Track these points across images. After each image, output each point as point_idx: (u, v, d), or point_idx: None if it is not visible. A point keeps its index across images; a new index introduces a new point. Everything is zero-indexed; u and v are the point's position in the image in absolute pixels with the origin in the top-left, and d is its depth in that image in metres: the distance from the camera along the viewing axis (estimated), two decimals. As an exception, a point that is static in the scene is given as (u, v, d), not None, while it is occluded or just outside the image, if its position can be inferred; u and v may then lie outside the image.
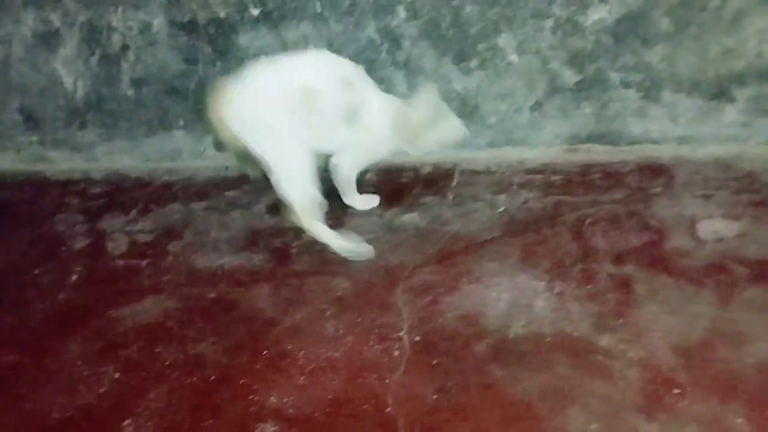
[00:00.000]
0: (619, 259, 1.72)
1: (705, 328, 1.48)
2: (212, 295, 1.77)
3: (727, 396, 1.31)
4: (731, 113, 2.06)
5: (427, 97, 1.89)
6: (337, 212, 2.04)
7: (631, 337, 1.48)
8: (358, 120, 1.83)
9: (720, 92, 2.04)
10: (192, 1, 2.17)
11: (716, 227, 1.79)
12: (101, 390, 1.51)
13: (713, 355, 1.41)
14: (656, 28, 2.00)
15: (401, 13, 2.09)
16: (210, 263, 1.90)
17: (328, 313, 1.66)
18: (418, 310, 1.64)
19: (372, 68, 2.16)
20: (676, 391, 1.34)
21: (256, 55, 2.19)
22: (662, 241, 1.77)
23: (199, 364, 1.55)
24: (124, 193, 2.33)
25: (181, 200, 2.24)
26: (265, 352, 1.57)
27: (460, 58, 2.13)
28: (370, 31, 2.13)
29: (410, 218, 1.99)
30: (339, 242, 1.83)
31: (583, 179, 2.08)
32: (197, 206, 2.20)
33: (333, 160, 1.98)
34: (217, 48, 2.23)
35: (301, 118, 1.74)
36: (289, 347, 1.57)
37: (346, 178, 2.02)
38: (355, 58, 2.13)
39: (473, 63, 2.13)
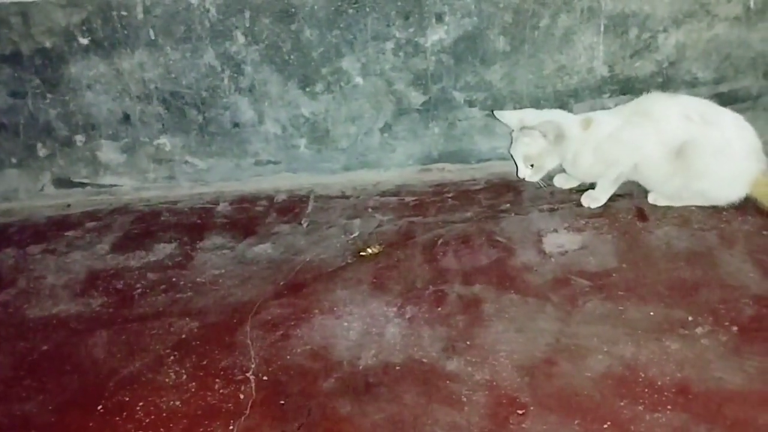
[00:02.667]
0: (468, 278, 1.75)
1: (548, 344, 1.51)
2: (44, 348, 1.66)
3: (566, 412, 1.34)
4: None
5: None
6: (185, 247, 1.98)
7: (478, 359, 1.49)
8: None
9: (558, 107, 2.13)
10: (12, 32, 2.04)
11: (560, 240, 1.87)
12: None
13: (555, 371, 1.44)
14: (493, 47, 2.08)
15: (240, 38, 2.06)
16: (44, 312, 1.78)
17: (171, 358, 1.58)
18: (267, 347, 1.59)
19: (215, 95, 2.14)
20: (520, 411, 1.35)
21: (89, 86, 2.11)
22: (510, 258, 1.82)
23: (25, 427, 1.43)
24: (-48, 240, 2.16)
25: (16, 244, 2.09)
26: (99, 407, 1.46)
27: (306, 83, 2.13)
28: (210, 57, 2.09)
29: (263, 249, 1.95)
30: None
31: (436, 199, 2.11)
32: (34, 249, 2.06)
33: None
34: (47, 80, 2.12)
35: None
36: (127, 399, 1.48)
37: None
38: (196, 85, 2.12)
39: (319, 87, 2.13)
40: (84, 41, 2.06)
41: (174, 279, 1.86)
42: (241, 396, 1.46)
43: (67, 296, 1.84)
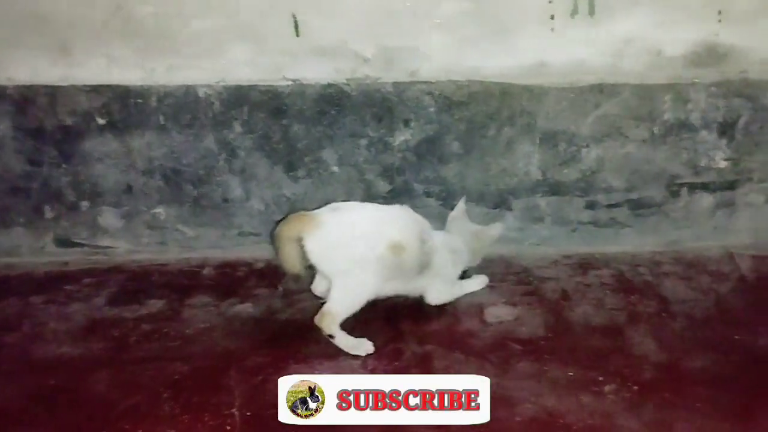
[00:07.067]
0: (422, 339, 1.99)
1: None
2: (51, 383, 1.84)
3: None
4: (510, 219, 2.43)
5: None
6: (174, 303, 2.21)
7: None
8: (428, 269, 2.07)
9: (501, 202, 2.42)
10: (38, 110, 2.29)
11: (499, 312, 2.12)
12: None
13: (492, 416, 1.65)
14: (449, 149, 2.36)
15: (237, 128, 2.32)
16: (49, 353, 1.97)
17: (165, 395, 1.78)
18: (250, 389, 1.80)
19: (210, 174, 2.38)
20: (460, 451, 1.59)
21: (100, 159, 2.36)
22: (457, 324, 2.07)
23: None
24: (-43, 289, 2.30)
25: (19, 294, 2.27)
26: (103, 433, 1.66)
27: (290, 168, 2.38)
28: (209, 142, 2.34)
29: (244, 308, 2.17)
30: (347, 341, 1.95)
31: None
32: (36, 300, 2.24)
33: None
34: (63, 152, 2.35)
35: (384, 265, 1.96)
36: (127, 427, 1.67)
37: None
38: (195, 164, 2.36)
39: (301, 172, 2.38)
40: (101, 121, 2.30)
41: (165, 330, 2.05)
42: (228, 428, 1.66)
43: (69, 340, 2.02)
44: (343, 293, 1.97)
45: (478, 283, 2.25)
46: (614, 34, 2.26)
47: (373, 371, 1.87)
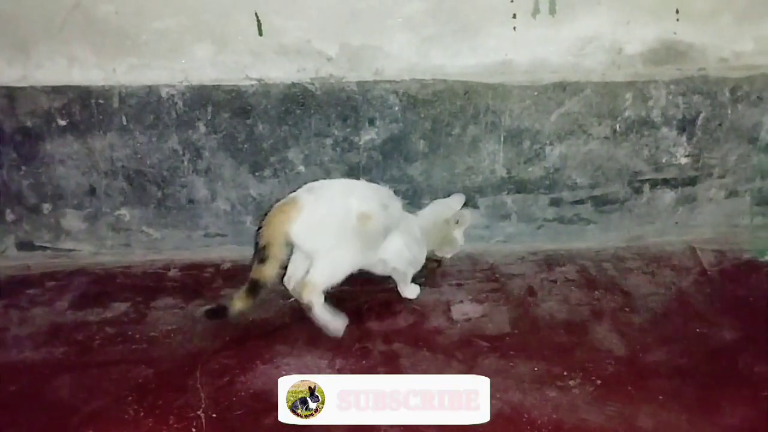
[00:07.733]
0: (388, 338, 2.00)
1: (453, 391, 1.79)
2: (12, 389, 1.82)
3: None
4: (476, 217, 2.43)
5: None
6: (139, 306, 2.19)
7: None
8: (389, 236, 2.09)
9: (467, 200, 2.37)
10: (-2, 111, 2.27)
11: (465, 309, 2.15)
12: None
13: None
14: (415, 148, 2.37)
15: (201, 128, 2.31)
16: (10, 358, 1.95)
17: (130, 398, 1.77)
18: (216, 390, 1.79)
19: (175, 175, 2.37)
20: (429, 442, 1.61)
21: (62, 161, 2.34)
22: (424, 322, 2.08)
23: (-2, 456, 1.59)
24: None
25: None
26: (65, 438, 1.64)
27: (255, 168, 2.37)
28: (173, 142, 2.32)
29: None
30: (323, 314, 1.97)
31: (363, 271, 2.29)
32: None
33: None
34: (23, 154, 2.32)
35: (357, 235, 1.98)
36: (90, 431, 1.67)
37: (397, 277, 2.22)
38: (159, 165, 2.35)
39: (267, 172, 2.38)
40: (62, 123, 2.27)
41: (130, 333, 2.04)
42: (193, 430, 1.66)
43: (31, 345, 2.00)
44: (325, 264, 1.99)
45: (413, 289, 2.24)
46: (575, 33, 2.29)
47: (340, 371, 1.87)
